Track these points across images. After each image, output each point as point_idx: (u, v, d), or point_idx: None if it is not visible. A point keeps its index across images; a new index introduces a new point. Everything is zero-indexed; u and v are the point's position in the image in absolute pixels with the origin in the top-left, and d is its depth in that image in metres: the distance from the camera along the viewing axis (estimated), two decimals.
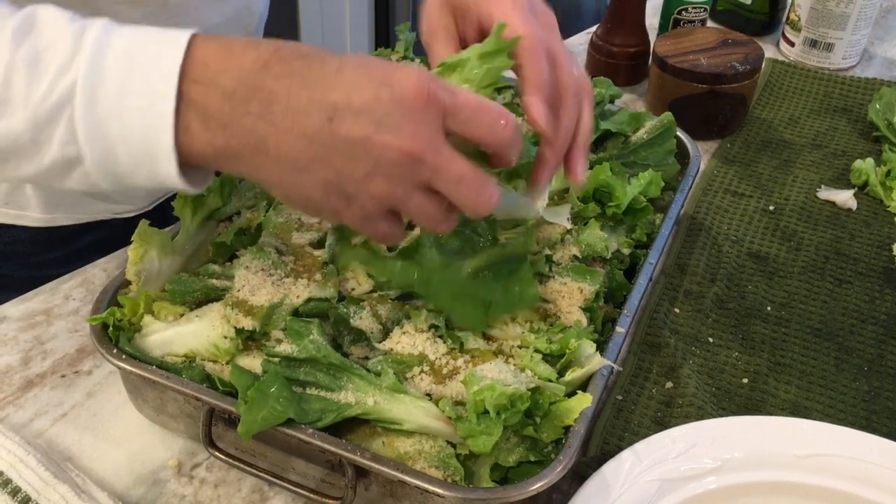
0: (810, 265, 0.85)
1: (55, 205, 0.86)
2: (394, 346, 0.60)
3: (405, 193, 0.49)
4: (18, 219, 0.86)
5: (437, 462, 0.55)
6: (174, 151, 0.48)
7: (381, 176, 0.48)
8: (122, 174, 0.50)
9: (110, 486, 0.62)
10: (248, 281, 0.62)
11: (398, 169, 0.48)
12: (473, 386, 0.54)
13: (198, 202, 0.68)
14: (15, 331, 0.74)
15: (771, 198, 0.94)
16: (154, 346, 0.61)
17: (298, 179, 0.49)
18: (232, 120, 0.47)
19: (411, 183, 0.49)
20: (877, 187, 0.94)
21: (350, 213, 0.50)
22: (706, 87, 0.98)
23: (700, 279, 0.82)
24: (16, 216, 0.85)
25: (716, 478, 0.58)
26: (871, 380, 0.73)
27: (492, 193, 0.51)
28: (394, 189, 0.49)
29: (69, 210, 0.87)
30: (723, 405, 0.70)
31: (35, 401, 0.68)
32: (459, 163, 0.49)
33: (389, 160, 0.47)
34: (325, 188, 0.49)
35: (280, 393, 0.54)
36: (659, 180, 0.74)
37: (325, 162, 0.48)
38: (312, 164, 0.48)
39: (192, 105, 0.47)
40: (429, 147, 0.48)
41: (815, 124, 1.06)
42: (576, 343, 0.58)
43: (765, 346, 0.76)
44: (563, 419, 0.55)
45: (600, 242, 0.68)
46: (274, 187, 0.51)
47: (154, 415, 0.65)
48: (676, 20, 1.12)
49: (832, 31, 1.14)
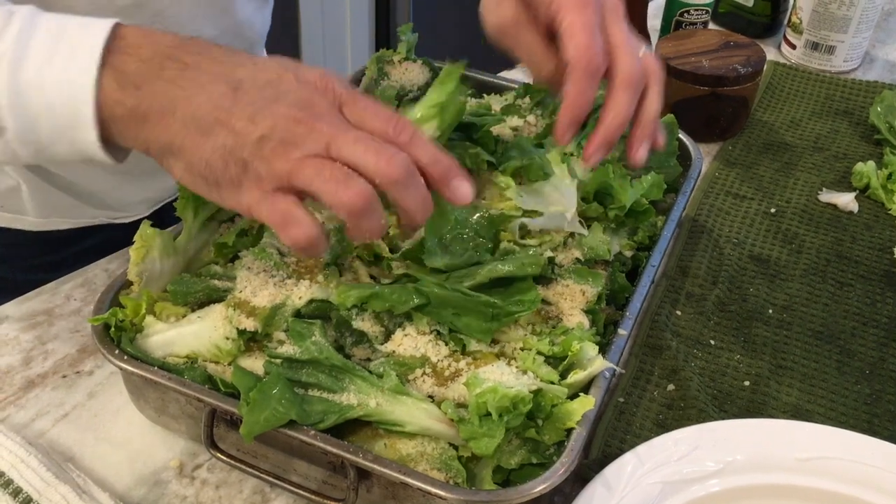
0: (812, 268, 0.85)
1: (50, 209, 0.86)
2: (396, 347, 0.60)
3: (299, 160, 0.49)
4: (14, 222, 0.86)
5: (439, 464, 0.55)
6: (94, 117, 0.50)
7: (277, 140, 0.49)
8: (44, 144, 0.52)
9: (111, 487, 0.62)
10: (250, 282, 0.62)
11: (292, 134, 0.49)
12: (476, 388, 0.54)
13: (200, 203, 0.68)
14: (16, 331, 0.74)
15: (772, 200, 0.94)
16: (156, 347, 0.61)
17: (200, 143, 0.50)
18: (145, 81, 0.50)
19: (306, 149, 0.49)
20: (878, 190, 0.94)
21: (248, 184, 0.50)
22: (708, 89, 0.98)
23: (701, 282, 0.82)
24: (11, 219, 0.85)
25: (718, 480, 0.58)
26: (872, 383, 0.73)
27: (393, 154, 0.49)
28: (288, 152, 0.49)
29: (65, 215, 0.87)
30: (724, 408, 0.70)
31: (36, 401, 0.68)
32: (357, 130, 0.50)
33: (285, 124, 0.49)
34: (223, 154, 0.49)
35: (282, 394, 0.54)
36: (661, 183, 0.74)
37: (225, 125, 0.49)
38: (215, 127, 0.49)
39: (110, 69, 0.50)
40: (325, 116, 0.50)
41: (816, 127, 1.06)
42: (578, 345, 0.58)
43: (766, 348, 0.76)
44: (566, 421, 0.55)
45: (602, 245, 0.68)
46: (176, 154, 0.51)
47: (155, 415, 0.65)
48: (678, 22, 1.12)
49: (834, 34, 1.14)
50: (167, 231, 0.66)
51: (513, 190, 0.68)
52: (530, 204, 0.68)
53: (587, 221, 0.71)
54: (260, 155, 0.49)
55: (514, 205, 0.67)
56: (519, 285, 0.61)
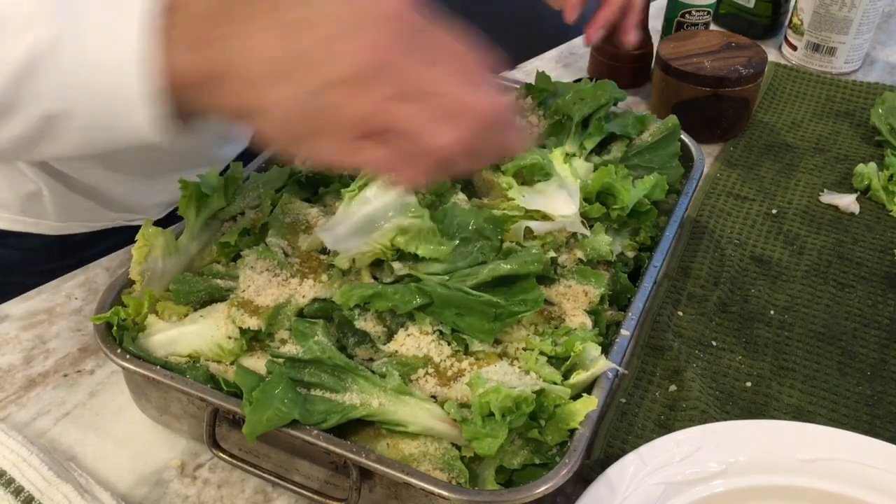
0: (813, 269, 0.85)
1: (70, 213, 0.86)
2: (398, 347, 0.60)
3: (379, 103, 0.45)
4: (34, 227, 0.86)
5: (441, 464, 0.55)
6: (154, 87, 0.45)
7: (352, 85, 0.44)
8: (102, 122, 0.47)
9: (113, 486, 0.62)
10: (253, 281, 0.62)
11: (366, 75, 0.44)
12: (479, 388, 0.54)
13: (202, 202, 0.68)
14: (17, 330, 0.74)
15: (774, 201, 0.94)
16: (158, 346, 0.61)
17: (277, 94, 0.45)
18: (213, 38, 0.45)
19: (383, 91, 0.44)
20: (879, 192, 0.94)
21: (329, 134, 0.46)
22: (709, 90, 0.98)
23: (703, 282, 0.82)
24: (32, 224, 0.86)
25: (720, 481, 0.58)
26: (873, 384, 0.73)
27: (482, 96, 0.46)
28: (369, 96, 0.44)
29: (84, 218, 0.88)
30: (726, 409, 0.70)
31: (37, 400, 0.68)
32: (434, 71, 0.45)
33: (357, 65, 0.44)
34: (299, 103, 0.45)
35: (285, 394, 0.54)
36: (664, 184, 0.74)
37: (300, 72, 0.44)
38: (291, 74, 0.44)
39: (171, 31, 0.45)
40: (399, 54, 0.45)
41: (817, 128, 1.07)
42: (581, 346, 0.58)
43: (768, 349, 0.76)
44: (568, 422, 0.55)
45: (605, 246, 0.68)
46: (253, 112, 0.46)
47: (157, 415, 0.65)
48: (680, 23, 1.12)
49: (835, 36, 1.14)
50: (169, 230, 0.66)
51: (515, 190, 0.68)
52: (533, 204, 0.68)
53: (589, 222, 0.71)
54: (337, 101, 0.45)
55: (516, 205, 0.67)
56: (522, 284, 0.61)
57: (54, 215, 0.86)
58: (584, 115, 0.79)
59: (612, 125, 0.80)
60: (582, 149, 0.78)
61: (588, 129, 0.79)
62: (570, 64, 1.20)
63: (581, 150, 0.78)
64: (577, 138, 0.79)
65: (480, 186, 0.73)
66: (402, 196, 0.62)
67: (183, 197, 0.67)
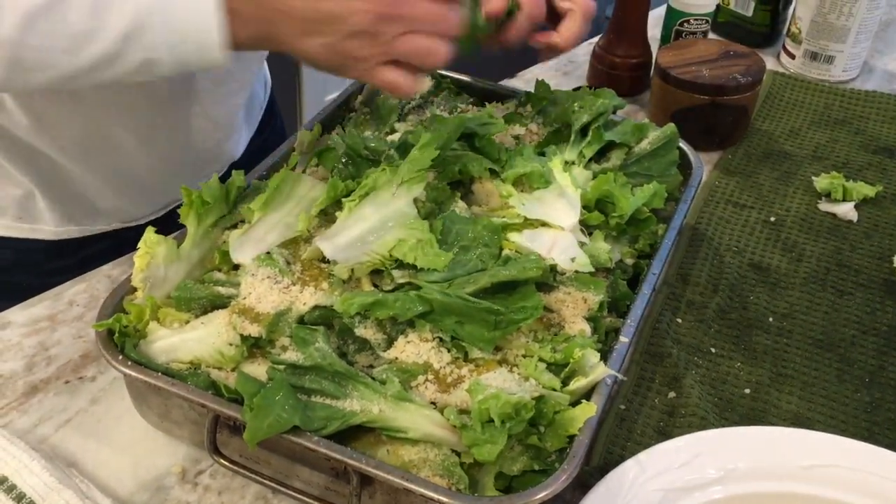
0: (811, 276, 0.85)
1: (68, 218, 0.87)
2: (398, 354, 0.60)
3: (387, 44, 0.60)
4: (32, 232, 0.86)
5: (441, 470, 0.55)
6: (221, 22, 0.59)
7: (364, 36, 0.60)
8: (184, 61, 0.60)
9: (114, 493, 0.62)
10: (254, 288, 0.62)
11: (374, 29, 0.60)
12: (478, 395, 0.55)
13: (203, 209, 0.68)
14: (19, 336, 0.74)
15: (772, 209, 0.94)
16: (159, 353, 0.61)
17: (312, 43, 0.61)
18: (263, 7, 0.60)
19: (390, 36, 0.60)
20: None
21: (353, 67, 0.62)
22: (708, 98, 0.99)
23: (702, 290, 0.82)
24: (29, 230, 0.86)
25: (719, 488, 0.59)
26: (872, 391, 0.73)
27: None
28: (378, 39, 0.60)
29: (81, 223, 0.88)
30: (725, 415, 0.70)
31: (39, 406, 0.68)
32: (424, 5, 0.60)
33: (374, 18, 0.59)
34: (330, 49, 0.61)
35: (286, 400, 0.54)
36: (663, 192, 0.74)
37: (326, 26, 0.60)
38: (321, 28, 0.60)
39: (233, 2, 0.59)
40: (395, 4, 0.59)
41: (815, 136, 1.07)
42: (580, 353, 0.59)
43: (766, 356, 0.76)
44: (568, 428, 0.55)
45: (604, 253, 0.69)
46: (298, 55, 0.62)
47: (158, 421, 0.65)
48: (678, 32, 1.13)
49: (833, 44, 1.14)
50: (171, 237, 0.66)
51: (515, 198, 0.69)
52: (532, 212, 0.68)
53: (589, 229, 0.71)
54: (359, 44, 0.60)
55: (516, 213, 0.68)
56: (521, 291, 0.61)
57: (52, 220, 0.86)
58: (583, 123, 0.79)
59: (611, 133, 0.80)
60: (581, 157, 0.79)
61: (587, 138, 0.79)
62: (570, 72, 1.21)
63: (580, 159, 0.78)
64: (576, 146, 0.79)
65: (480, 195, 0.73)
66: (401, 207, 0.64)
67: (185, 205, 0.67)
